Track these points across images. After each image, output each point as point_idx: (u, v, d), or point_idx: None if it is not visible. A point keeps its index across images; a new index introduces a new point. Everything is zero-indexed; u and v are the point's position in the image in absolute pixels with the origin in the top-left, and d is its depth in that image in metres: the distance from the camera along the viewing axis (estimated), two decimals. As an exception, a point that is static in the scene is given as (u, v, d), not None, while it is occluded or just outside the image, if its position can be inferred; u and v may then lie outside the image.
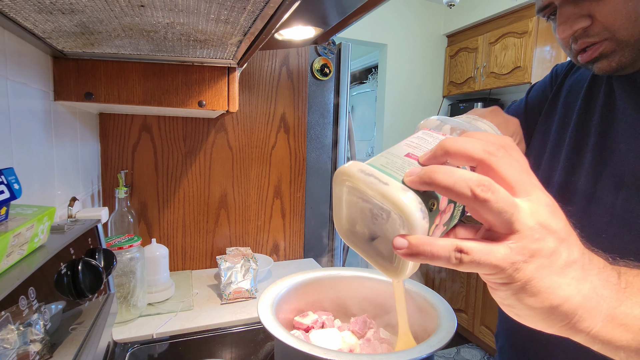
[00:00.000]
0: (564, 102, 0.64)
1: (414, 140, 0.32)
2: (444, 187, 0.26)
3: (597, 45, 0.50)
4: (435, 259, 0.27)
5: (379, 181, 0.27)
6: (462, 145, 0.28)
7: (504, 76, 2.81)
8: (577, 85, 0.63)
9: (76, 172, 0.94)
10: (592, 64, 0.52)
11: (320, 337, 0.68)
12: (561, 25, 0.51)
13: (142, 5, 0.48)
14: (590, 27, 0.49)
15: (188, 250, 1.33)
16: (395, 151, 0.31)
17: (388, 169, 0.29)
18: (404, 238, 0.27)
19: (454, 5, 2.66)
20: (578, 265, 0.28)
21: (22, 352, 0.36)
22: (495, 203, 0.26)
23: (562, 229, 0.28)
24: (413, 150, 0.31)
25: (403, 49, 3.31)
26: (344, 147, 1.55)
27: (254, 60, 1.32)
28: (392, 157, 0.30)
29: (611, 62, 0.50)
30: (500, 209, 0.26)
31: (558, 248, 0.27)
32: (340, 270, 0.83)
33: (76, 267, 0.50)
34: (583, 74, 0.64)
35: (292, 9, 0.46)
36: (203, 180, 1.31)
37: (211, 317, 0.99)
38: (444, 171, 0.26)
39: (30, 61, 0.68)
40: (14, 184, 0.41)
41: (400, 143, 0.32)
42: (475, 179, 0.26)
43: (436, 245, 0.26)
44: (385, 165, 0.29)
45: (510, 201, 0.26)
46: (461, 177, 0.26)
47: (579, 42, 0.51)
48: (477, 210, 0.27)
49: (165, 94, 0.86)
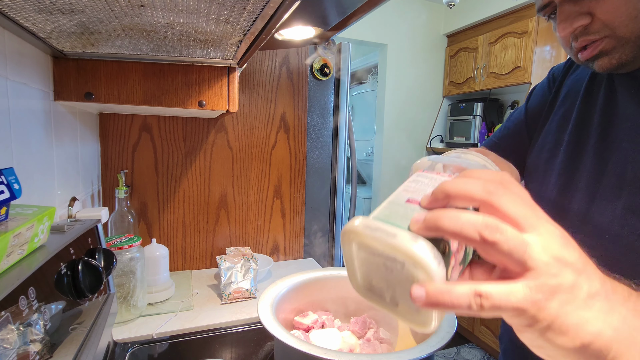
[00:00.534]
0: (562, 103, 0.64)
1: (411, 185, 0.32)
2: (452, 233, 0.26)
3: (597, 42, 0.50)
4: (455, 307, 0.26)
5: (387, 234, 0.27)
6: (462, 187, 0.27)
7: (504, 76, 2.81)
8: (576, 85, 0.63)
9: (76, 172, 0.94)
10: (592, 62, 0.52)
11: (320, 337, 0.68)
12: (561, 23, 0.51)
13: (142, 5, 0.48)
14: (590, 25, 0.49)
15: (188, 250, 1.33)
16: (396, 199, 0.31)
17: (392, 219, 0.28)
18: (422, 287, 0.26)
19: (454, 5, 2.66)
20: (602, 296, 0.27)
21: (22, 352, 0.36)
22: (504, 244, 0.25)
23: (577, 260, 0.27)
24: (412, 195, 0.30)
25: (403, 49, 3.30)
26: (344, 147, 1.55)
27: (254, 60, 1.32)
28: (394, 207, 0.30)
29: (611, 59, 0.50)
30: (511, 249, 0.25)
31: (577, 280, 0.26)
32: (340, 270, 0.83)
33: (76, 267, 0.50)
34: (581, 75, 0.64)
35: (292, 9, 0.46)
36: (203, 180, 1.31)
37: (211, 317, 0.99)
38: (449, 216, 0.26)
39: (30, 61, 0.68)
40: (14, 184, 0.41)
41: (398, 190, 0.32)
42: (482, 222, 0.25)
43: (455, 294, 0.25)
44: (389, 216, 0.29)
45: (520, 239, 0.26)
46: (467, 221, 0.26)
47: (579, 40, 0.51)
48: (488, 252, 0.27)
49: (165, 94, 0.86)
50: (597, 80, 0.59)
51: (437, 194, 0.28)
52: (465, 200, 0.28)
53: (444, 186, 0.28)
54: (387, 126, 3.35)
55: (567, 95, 0.63)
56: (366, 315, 0.78)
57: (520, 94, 3.05)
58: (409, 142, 3.45)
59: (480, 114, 3.07)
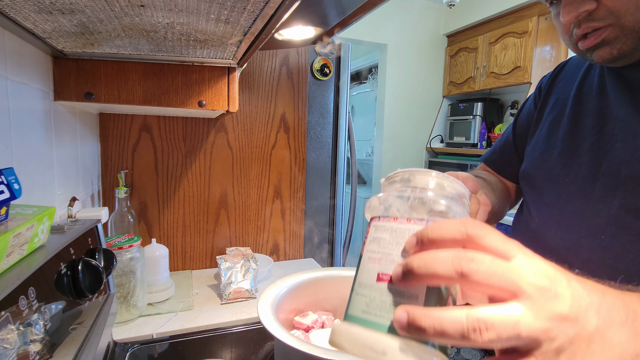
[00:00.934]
0: (551, 110, 0.64)
1: (373, 247, 0.30)
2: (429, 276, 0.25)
3: (601, 30, 0.48)
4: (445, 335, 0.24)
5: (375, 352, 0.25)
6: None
7: (504, 76, 2.81)
8: (565, 92, 0.63)
9: (76, 172, 0.94)
10: (592, 52, 0.51)
11: (320, 337, 0.68)
12: (566, 6, 0.49)
13: (142, 5, 0.48)
14: (596, 11, 0.47)
15: (188, 250, 1.33)
16: (366, 279, 0.29)
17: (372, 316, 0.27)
18: (404, 311, 0.25)
19: (454, 5, 2.66)
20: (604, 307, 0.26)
21: (22, 352, 0.36)
22: (484, 271, 0.24)
23: (560, 272, 0.26)
24: (380, 268, 0.28)
25: (403, 49, 3.31)
26: (344, 147, 1.55)
27: (254, 60, 1.32)
28: (367, 292, 0.28)
29: (612, 49, 0.49)
30: (494, 273, 0.24)
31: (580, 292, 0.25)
32: (340, 270, 0.83)
33: (76, 267, 0.50)
34: (569, 81, 0.64)
35: (292, 9, 0.46)
36: (203, 180, 1.31)
37: (211, 317, 0.99)
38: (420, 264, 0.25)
39: (30, 61, 0.68)
40: (14, 184, 0.41)
41: (363, 259, 0.30)
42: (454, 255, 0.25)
43: (447, 318, 0.24)
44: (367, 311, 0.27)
45: (501, 263, 0.25)
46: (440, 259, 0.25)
47: (582, 27, 0.49)
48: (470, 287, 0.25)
49: (165, 94, 0.86)
50: (587, 84, 0.59)
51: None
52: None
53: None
54: (387, 126, 3.35)
55: (557, 102, 0.64)
56: (366, 315, 0.77)
57: (520, 94, 3.05)
58: (409, 142, 3.46)
59: (480, 114, 3.07)
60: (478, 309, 0.24)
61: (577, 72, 0.63)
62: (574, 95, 0.60)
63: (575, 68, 0.65)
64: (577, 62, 0.65)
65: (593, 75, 0.59)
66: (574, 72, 0.64)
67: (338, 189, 1.56)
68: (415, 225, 0.29)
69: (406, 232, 0.29)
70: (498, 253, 0.26)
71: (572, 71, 0.65)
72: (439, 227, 0.27)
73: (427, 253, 0.26)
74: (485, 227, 0.27)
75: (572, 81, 0.63)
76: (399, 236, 0.29)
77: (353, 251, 3.79)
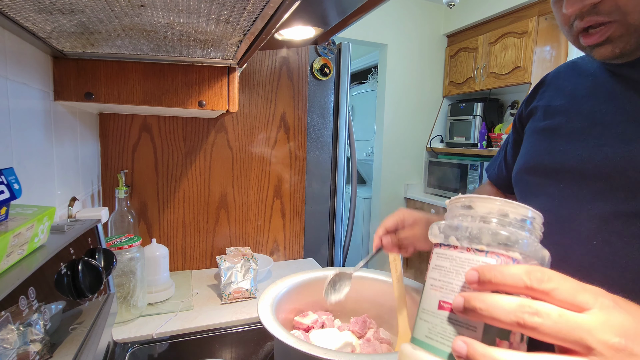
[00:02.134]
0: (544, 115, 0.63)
1: (435, 275, 0.31)
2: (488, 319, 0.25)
3: (606, 27, 0.46)
4: None
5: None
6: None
7: (504, 76, 2.81)
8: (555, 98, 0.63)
9: (76, 172, 0.94)
10: (592, 49, 0.49)
11: (320, 337, 0.68)
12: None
13: (142, 5, 0.48)
14: (601, 4, 0.45)
15: (188, 250, 1.33)
16: (429, 306, 0.30)
17: (434, 341, 0.29)
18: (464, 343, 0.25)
19: (454, 5, 2.66)
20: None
21: (22, 352, 0.36)
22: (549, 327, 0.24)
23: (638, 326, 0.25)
24: (441, 296, 0.30)
25: (403, 49, 3.30)
26: (344, 147, 1.55)
27: (254, 60, 1.32)
28: (429, 317, 0.30)
29: (615, 48, 0.47)
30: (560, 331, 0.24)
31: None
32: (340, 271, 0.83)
33: (76, 267, 0.50)
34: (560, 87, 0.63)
35: (292, 9, 0.46)
36: (203, 180, 1.31)
37: (211, 317, 0.99)
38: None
39: (30, 61, 0.68)
40: (14, 184, 0.41)
41: (426, 286, 0.32)
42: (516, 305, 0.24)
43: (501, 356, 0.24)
44: (429, 336, 0.29)
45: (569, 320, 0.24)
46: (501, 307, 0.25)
47: (585, 19, 0.47)
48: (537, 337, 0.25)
49: (165, 94, 0.86)
50: (578, 89, 0.59)
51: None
52: None
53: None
54: (387, 126, 3.35)
55: (547, 109, 0.63)
56: (366, 315, 0.78)
57: (520, 94, 3.05)
58: (409, 142, 3.45)
59: (480, 114, 3.07)
60: (542, 356, 0.24)
61: (570, 78, 0.62)
62: (566, 101, 0.60)
63: (567, 74, 0.64)
64: (569, 69, 0.65)
65: (587, 79, 0.58)
66: (566, 77, 0.63)
67: (338, 189, 1.56)
68: (475, 255, 0.29)
69: (466, 262, 0.29)
70: (570, 306, 0.25)
71: (564, 77, 0.64)
72: (502, 272, 0.26)
73: (490, 296, 0.26)
74: (553, 278, 0.25)
75: (563, 87, 0.62)
76: (458, 265, 0.29)
77: (353, 251, 3.78)
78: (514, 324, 0.24)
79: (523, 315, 0.24)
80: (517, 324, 0.24)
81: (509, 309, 0.24)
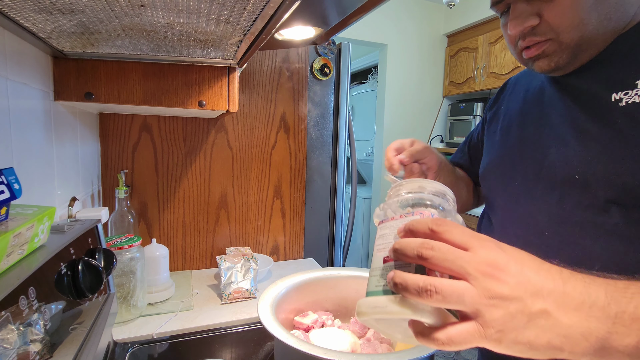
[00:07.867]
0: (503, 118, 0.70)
1: (379, 242, 0.39)
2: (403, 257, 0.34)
3: (542, 43, 0.54)
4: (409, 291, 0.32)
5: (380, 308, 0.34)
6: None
7: (504, 76, 2.80)
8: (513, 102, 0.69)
9: (76, 172, 0.94)
10: (533, 62, 0.57)
11: (320, 337, 0.68)
12: (513, 20, 0.54)
13: (142, 5, 0.48)
14: (538, 26, 0.53)
15: (188, 250, 1.33)
16: (375, 264, 0.37)
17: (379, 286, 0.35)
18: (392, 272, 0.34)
19: (454, 5, 2.66)
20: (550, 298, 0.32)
21: (22, 352, 0.36)
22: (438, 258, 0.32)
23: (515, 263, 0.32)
24: (384, 254, 0.37)
25: (403, 49, 3.30)
26: (344, 147, 1.55)
27: (254, 60, 1.32)
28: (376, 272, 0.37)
29: (550, 61, 0.55)
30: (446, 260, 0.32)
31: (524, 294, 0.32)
32: (340, 270, 0.83)
33: (76, 267, 0.50)
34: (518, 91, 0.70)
35: (292, 9, 0.46)
36: (203, 180, 1.31)
37: (211, 317, 0.99)
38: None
39: (30, 61, 0.68)
40: (14, 184, 0.41)
41: (374, 252, 0.39)
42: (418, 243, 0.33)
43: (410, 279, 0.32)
44: (377, 284, 0.36)
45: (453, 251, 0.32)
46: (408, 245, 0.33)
47: (526, 39, 0.55)
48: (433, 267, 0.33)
49: (165, 94, 0.86)
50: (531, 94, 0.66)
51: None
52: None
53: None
54: (387, 126, 3.35)
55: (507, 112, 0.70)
56: (366, 315, 0.77)
57: (520, 94, 3.05)
58: (409, 142, 3.45)
59: (480, 114, 3.07)
60: (436, 279, 0.31)
61: (524, 84, 0.69)
62: (520, 105, 0.67)
63: (523, 80, 0.71)
64: (525, 75, 0.72)
65: (536, 85, 0.65)
66: (522, 83, 0.70)
67: (338, 189, 1.56)
68: (406, 218, 0.38)
69: (400, 224, 0.37)
70: (458, 245, 0.33)
71: (521, 82, 0.71)
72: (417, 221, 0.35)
73: (405, 240, 0.34)
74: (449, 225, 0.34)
75: (519, 92, 0.69)
76: (394, 229, 0.38)
77: (353, 251, 3.78)
78: (416, 257, 0.33)
79: (422, 250, 0.32)
80: (417, 256, 0.32)
81: (413, 246, 0.33)
